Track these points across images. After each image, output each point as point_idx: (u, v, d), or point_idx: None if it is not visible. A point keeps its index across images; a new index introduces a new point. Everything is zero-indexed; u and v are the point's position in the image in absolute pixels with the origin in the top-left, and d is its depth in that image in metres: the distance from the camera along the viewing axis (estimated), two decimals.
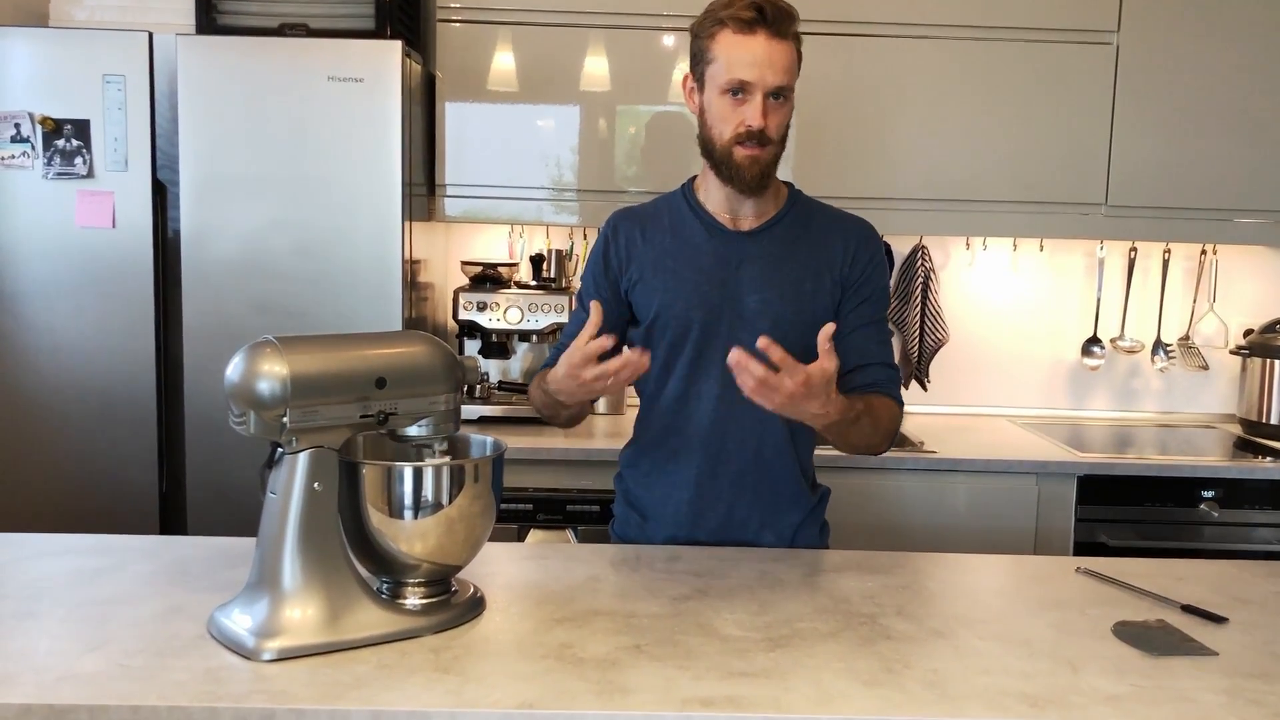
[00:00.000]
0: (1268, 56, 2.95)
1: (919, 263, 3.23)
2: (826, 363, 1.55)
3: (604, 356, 1.60)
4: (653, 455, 1.91)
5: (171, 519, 2.73)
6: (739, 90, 1.72)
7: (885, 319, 1.91)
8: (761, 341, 1.53)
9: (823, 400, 1.58)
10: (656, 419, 1.90)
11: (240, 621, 1.36)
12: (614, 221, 1.93)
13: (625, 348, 1.90)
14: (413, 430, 1.48)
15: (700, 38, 1.76)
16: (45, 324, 2.66)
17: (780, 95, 1.74)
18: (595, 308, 1.63)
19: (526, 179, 2.96)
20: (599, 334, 1.61)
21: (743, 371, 1.52)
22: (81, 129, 2.61)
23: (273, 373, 1.34)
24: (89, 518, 2.65)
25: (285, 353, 1.36)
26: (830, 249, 1.85)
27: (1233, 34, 2.94)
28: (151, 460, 2.69)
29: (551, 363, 1.87)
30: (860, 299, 1.85)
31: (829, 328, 1.56)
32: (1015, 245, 3.31)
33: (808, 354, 1.78)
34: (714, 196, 1.86)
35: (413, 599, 1.46)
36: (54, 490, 2.70)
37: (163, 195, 2.68)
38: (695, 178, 1.92)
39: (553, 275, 3.15)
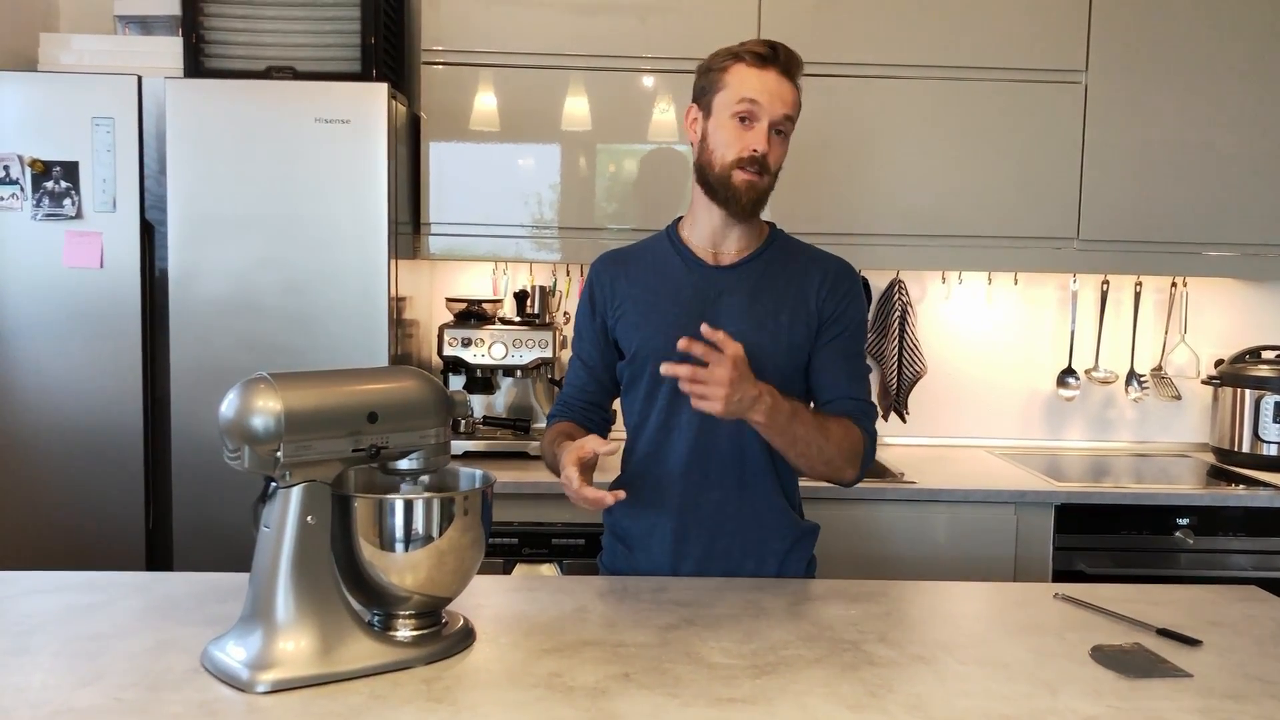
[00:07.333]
0: (1231, 94, 3.03)
1: (896, 296, 3.29)
2: (728, 344, 1.63)
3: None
4: (637, 486, 1.94)
5: (158, 556, 2.74)
6: (746, 117, 1.80)
7: (861, 354, 1.94)
8: (704, 329, 1.63)
9: (752, 380, 1.66)
10: (640, 450, 1.93)
11: (234, 654, 1.37)
12: (598, 265, 1.99)
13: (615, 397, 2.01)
14: (403, 464, 1.51)
15: (712, 71, 1.84)
16: (33, 363, 2.67)
17: (782, 131, 1.83)
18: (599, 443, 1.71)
19: (509, 217, 3.00)
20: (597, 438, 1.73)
21: (675, 375, 1.63)
22: (70, 171, 2.63)
23: (267, 408, 1.37)
24: (76, 555, 2.66)
25: (279, 389, 1.39)
26: (807, 284, 1.90)
27: (1197, 73, 3.03)
28: (138, 498, 2.70)
29: (557, 414, 1.98)
30: (833, 334, 1.89)
31: (706, 330, 1.65)
32: (990, 279, 3.37)
33: (784, 385, 1.81)
34: (700, 231, 1.91)
35: (404, 630, 1.49)
36: (41, 528, 2.70)
37: (150, 235, 2.70)
38: (680, 219, 1.97)
39: (536, 311, 3.18)
